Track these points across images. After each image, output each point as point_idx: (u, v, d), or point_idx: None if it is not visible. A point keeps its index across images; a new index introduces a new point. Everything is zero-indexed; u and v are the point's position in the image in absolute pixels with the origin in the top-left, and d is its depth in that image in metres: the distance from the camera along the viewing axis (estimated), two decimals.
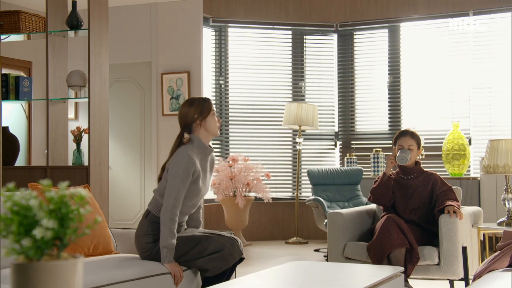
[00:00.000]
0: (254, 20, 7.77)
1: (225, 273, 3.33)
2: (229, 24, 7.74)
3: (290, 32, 7.90)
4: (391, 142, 4.50)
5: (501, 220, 4.24)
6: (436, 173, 4.25)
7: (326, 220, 4.67)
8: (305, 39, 7.92)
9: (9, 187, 1.37)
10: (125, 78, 7.46)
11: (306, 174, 6.87)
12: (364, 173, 7.02)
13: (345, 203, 6.41)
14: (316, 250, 6.63)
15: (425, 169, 4.28)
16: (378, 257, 3.83)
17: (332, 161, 7.86)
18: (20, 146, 5.18)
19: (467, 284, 3.86)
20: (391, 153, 4.23)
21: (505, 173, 4.21)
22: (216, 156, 7.46)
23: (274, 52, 7.87)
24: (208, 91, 7.53)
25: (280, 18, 7.82)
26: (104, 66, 4.89)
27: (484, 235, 4.46)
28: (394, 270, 3.03)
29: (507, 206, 4.26)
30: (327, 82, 7.93)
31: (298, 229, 7.37)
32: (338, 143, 7.85)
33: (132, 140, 7.41)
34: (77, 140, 4.96)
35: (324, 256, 6.14)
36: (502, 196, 4.31)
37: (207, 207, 7.28)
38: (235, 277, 3.38)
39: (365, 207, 4.59)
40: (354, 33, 7.82)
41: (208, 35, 7.63)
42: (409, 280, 3.98)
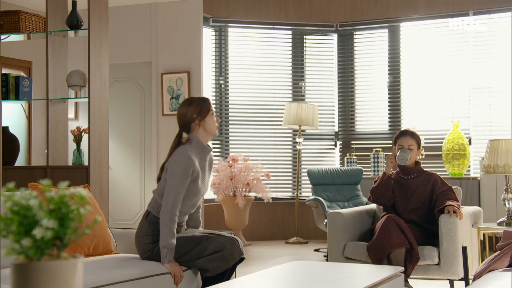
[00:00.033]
0: (254, 20, 7.77)
1: (226, 273, 3.33)
2: (229, 24, 7.74)
3: (290, 32, 7.89)
4: (391, 142, 4.50)
5: (501, 220, 4.24)
6: (436, 173, 4.25)
7: (326, 220, 4.67)
8: (305, 39, 7.92)
9: (9, 187, 1.36)
10: (125, 78, 7.46)
11: (306, 174, 6.87)
12: (364, 173, 7.02)
13: (345, 203, 6.41)
14: (316, 250, 6.63)
15: (425, 169, 4.28)
16: (378, 257, 3.83)
17: (332, 161, 7.86)
18: (20, 146, 5.17)
19: (467, 284, 3.86)
20: (391, 153, 4.23)
21: (505, 173, 4.21)
22: (216, 156, 7.47)
23: (274, 52, 7.87)
24: (208, 91, 7.53)
25: (280, 18, 7.82)
26: (104, 66, 4.89)
27: (484, 235, 4.46)
28: (394, 270, 3.03)
29: (507, 206, 4.26)
30: (327, 82, 7.93)
31: (298, 229, 7.37)
32: (338, 143, 7.85)
33: (132, 140, 7.40)
34: (77, 140, 4.96)
35: (324, 256, 6.14)
36: (502, 196, 4.31)
37: (207, 207, 7.28)
38: (235, 277, 3.38)
39: (365, 207, 4.59)
40: (354, 33, 7.82)
41: (208, 35, 7.63)
42: (409, 280, 3.98)
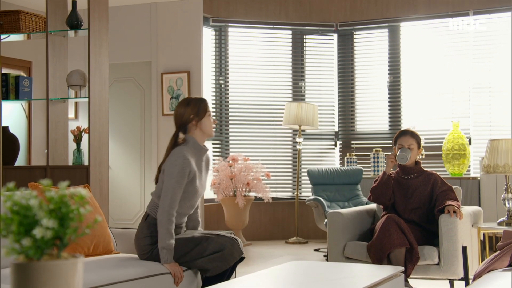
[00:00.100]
0: (254, 20, 7.77)
1: (226, 273, 3.33)
2: (229, 24, 7.74)
3: (290, 32, 7.89)
4: (391, 142, 4.50)
5: (501, 220, 4.24)
6: (436, 173, 4.25)
7: (326, 220, 4.67)
8: (305, 39, 7.92)
9: (9, 187, 1.36)
10: (125, 78, 7.46)
11: (306, 174, 6.87)
12: (364, 173, 7.02)
13: (345, 203, 6.41)
14: (316, 250, 6.63)
15: (425, 169, 4.28)
16: (378, 257, 3.83)
17: (332, 161, 7.86)
18: (20, 146, 5.17)
19: (467, 284, 3.86)
20: (391, 152, 4.23)
21: (505, 173, 4.21)
22: (216, 156, 7.46)
23: (274, 52, 7.87)
24: (208, 91, 7.52)
25: (280, 18, 7.82)
26: (104, 66, 4.88)
27: (484, 235, 4.46)
28: (394, 270, 3.03)
29: (507, 206, 4.26)
30: (327, 82, 7.93)
31: (298, 229, 7.37)
32: (338, 143, 7.85)
33: (132, 140, 7.40)
34: (77, 140, 4.96)
35: (324, 256, 6.14)
36: (502, 196, 4.31)
37: (207, 207, 7.28)
38: (235, 277, 3.38)
39: (365, 207, 4.59)
40: (354, 33, 7.82)
41: (208, 35, 7.63)
42: (409, 280, 3.98)
